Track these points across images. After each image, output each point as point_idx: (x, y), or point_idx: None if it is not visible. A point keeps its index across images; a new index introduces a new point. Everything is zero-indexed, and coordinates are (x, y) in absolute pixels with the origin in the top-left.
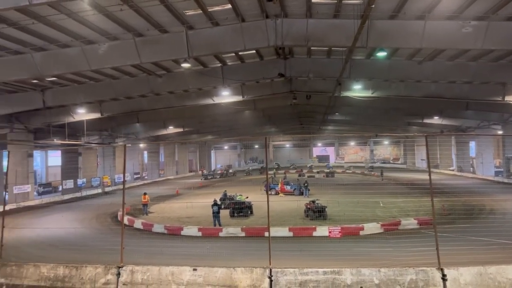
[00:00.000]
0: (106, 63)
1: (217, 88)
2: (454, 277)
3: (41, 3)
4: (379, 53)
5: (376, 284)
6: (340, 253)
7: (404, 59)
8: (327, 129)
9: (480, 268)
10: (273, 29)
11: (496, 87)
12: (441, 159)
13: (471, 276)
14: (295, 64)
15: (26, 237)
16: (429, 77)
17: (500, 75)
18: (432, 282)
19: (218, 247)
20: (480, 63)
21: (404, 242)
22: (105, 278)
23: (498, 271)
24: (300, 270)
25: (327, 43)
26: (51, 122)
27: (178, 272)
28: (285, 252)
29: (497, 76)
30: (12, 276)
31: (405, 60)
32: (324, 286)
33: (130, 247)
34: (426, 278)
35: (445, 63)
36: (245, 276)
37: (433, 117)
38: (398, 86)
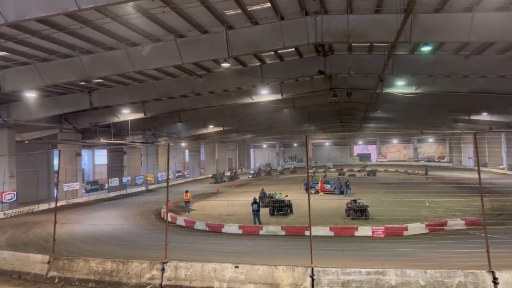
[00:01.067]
0: (149, 64)
1: (256, 87)
2: (506, 280)
3: (88, 8)
4: (423, 48)
5: (422, 286)
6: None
7: (450, 54)
8: (368, 127)
9: None
10: (312, 26)
11: None
12: (490, 157)
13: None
14: (335, 61)
15: (76, 232)
16: (477, 71)
17: None
18: (482, 285)
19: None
20: None
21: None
22: (150, 273)
23: None
24: (342, 270)
25: (368, 39)
26: (98, 122)
27: (220, 269)
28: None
29: None
30: (64, 270)
31: (451, 54)
32: (368, 287)
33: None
34: (476, 281)
35: (494, 56)
36: (287, 275)
37: (481, 113)
38: (443, 81)
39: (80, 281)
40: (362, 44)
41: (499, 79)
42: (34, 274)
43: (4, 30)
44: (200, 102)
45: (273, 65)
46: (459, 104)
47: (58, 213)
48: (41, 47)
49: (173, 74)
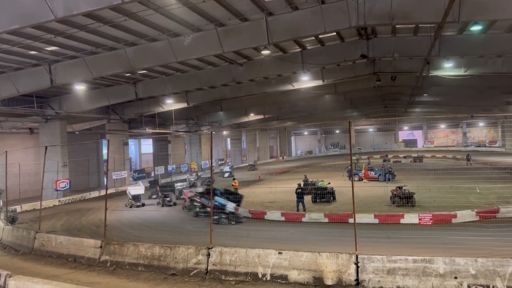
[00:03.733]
0: (191, 55)
1: (296, 74)
2: None
3: (132, 1)
4: (473, 28)
5: (472, 274)
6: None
7: (502, 32)
8: (414, 112)
9: None
10: (354, 9)
11: None
12: None
13: None
14: (378, 44)
15: (125, 218)
16: None
17: None
18: None
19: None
20: None
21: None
22: (196, 258)
23: None
24: (388, 258)
25: (414, 20)
26: (143, 113)
27: (264, 255)
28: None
29: None
30: (115, 254)
31: (504, 33)
32: (414, 275)
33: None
34: None
35: None
36: (331, 262)
37: None
38: (495, 62)
39: (130, 265)
40: (407, 26)
41: None
42: (88, 258)
43: (54, 26)
44: (241, 91)
45: (313, 51)
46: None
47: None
48: (88, 40)
49: (214, 63)
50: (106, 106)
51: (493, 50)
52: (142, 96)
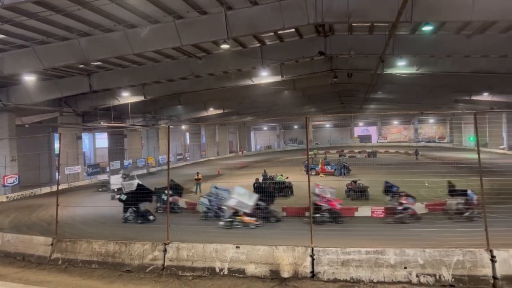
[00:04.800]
0: (148, 47)
1: (256, 69)
2: (504, 258)
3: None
4: (424, 28)
5: (420, 264)
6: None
7: (451, 33)
8: (369, 108)
9: None
10: (312, 6)
11: None
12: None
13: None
14: (335, 41)
15: (78, 215)
16: (479, 51)
17: None
18: (480, 263)
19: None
20: None
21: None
22: (153, 254)
23: None
24: (342, 250)
25: (369, 18)
26: (98, 106)
27: (221, 250)
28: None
29: None
30: (67, 251)
31: (453, 34)
32: (367, 266)
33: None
34: (474, 259)
35: (497, 36)
36: (287, 255)
37: (482, 93)
38: (445, 62)
39: (83, 262)
40: (363, 24)
41: (501, 59)
42: (38, 256)
43: (1, 13)
44: (200, 85)
45: (273, 46)
46: (460, 85)
47: (60, 196)
48: (38, 29)
49: (172, 56)
50: (58, 99)
51: (443, 50)
52: (97, 88)
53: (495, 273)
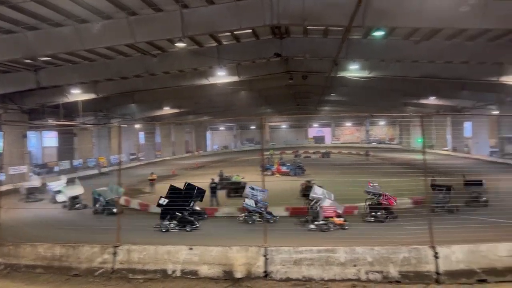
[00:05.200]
0: (100, 43)
1: (212, 68)
2: (446, 254)
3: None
4: (376, 33)
5: (369, 262)
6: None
7: (401, 39)
8: (323, 110)
9: (472, 246)
10: (269, 8)
11: (493, 67)
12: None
13: (463, 254)
14: (291, 43)
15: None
16: (425, 57)
17: (497, 55)
18: (424, 260)
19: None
20: (477, 43)
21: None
22: (102, 257)
23: (489, 249)
24: (295, 249)
25: (323, 22)
26: (46, 103)
27: (174, 251)
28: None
29: (494, 56)
30: (9, 256)
31: (402, 40)
32: (318, 264)
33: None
34: (419, 256)
35: (442, 42)
36: (240, 255)
37: (429, 97)
38: (394, 66)
39: (27, 267)
40: (318, 28)
41: (446, 65)
42: None
43: None
44: (155, 83)
45: (229, 46)
46: (409, 88)
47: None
48: None
49: (125, 53)
50: (2, 95)
51: (393, 55)
52: (45, 85)
53: (438, 268)
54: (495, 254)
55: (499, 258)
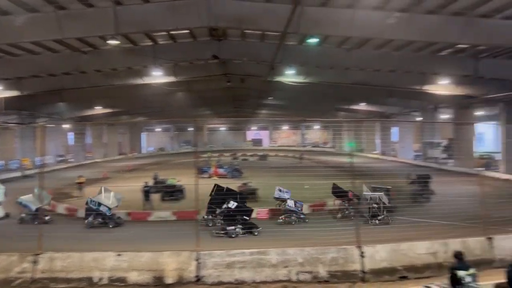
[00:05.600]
0: (23, 37)
1: (148, 68)
2: (371, 254)
3: None
4: (310, 40)
5: (300, 262)
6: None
7: (334, 47)
8: (261, 113)
9: (394, 245)
10: (206, 9)
11: (417, 77)
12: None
13: (386, 252)
14: (229, 46)
15: None
16: (356, 64)
17: (420, 65)
18: (351, 259)
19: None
20: (403, 53)
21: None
22: (21, 266)
23: (409, 248)
24: (227, 252)
25: (260, 27)
26: None
27: (101, 258)
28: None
29: (417, 66)
30: None
31: (335, 47)
32: (251, 266)
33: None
34: (346, 255)
35: (371, 51)
36: (172, 260)
37: (360, 103)
38: (328, 72)
39: None
40: (255, 32)
41: (375, 73)
42: None
43: None
44: (85, 81)
45: (166, 46)
46: (341, 94)
47: None
48: None
49: (54, 49)
50: None
51: (326, 62)
52: None
53: (364, 267)
54: (414, 252)
55: (418, 255)
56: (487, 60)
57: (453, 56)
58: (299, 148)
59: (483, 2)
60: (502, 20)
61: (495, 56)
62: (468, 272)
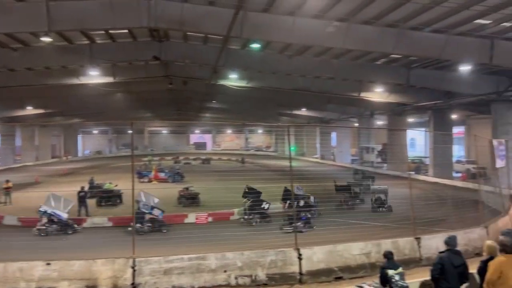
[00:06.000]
0: None
1: (84, 67)
2: (308, 255)
3: None
4: (253, 45)
5: (239, 266)
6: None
7: (276, 52)
8: (204, 116)
9: (330, 246)
10: (146, 10)
11: (354, 84)
12: (307, 147)
13: (322, 254)
14: (171, 48)
15: None
16: (297, 71)
17: (357, 73)
18: (289, 261)
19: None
20: (342, 61)
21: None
22: None
23: (345, 248)
24: (165, 258)
25: (202, 29)
26: None
27: (28, 268)
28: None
29: (355, 73)
30: None
31: (277, 53)
32: (189, 272)
33: None
34: (285, 258)
35: (312, 59)
36: (106, 268)
37: (301, 109)
38: (270, 78)
39: None
40: (198, 34)
41: (315, 79)
42: None
43: None
44: (15, 80)
45: (104, 45)
46: (283, 100)
47: None
48: None
49: None
50: None
51: (268, 67)
52: None
53: (301, 269)
54: (349, 253)
55: (352, 256)
56: (418, 70)
57: (387, 65)
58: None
59: (413, 16)
60: (431, 33)
61: (425, 67)
62: (397, 271)
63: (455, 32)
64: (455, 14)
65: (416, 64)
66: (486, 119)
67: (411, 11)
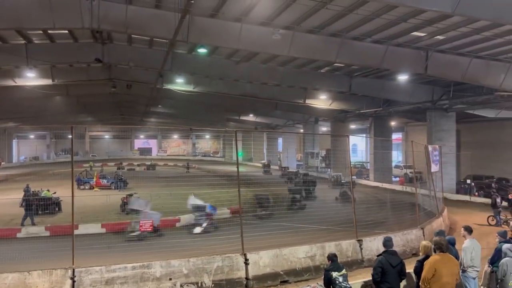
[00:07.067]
0: None
1: (20, 69)
2: (255, 260)
3: None
4: (199, 49)
5: (185, 274)
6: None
7: (223, 58)
8: (149, 121)
9: (276, 250)
10: (88, 10)
11: (300, 91)
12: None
13: (269, 258)
14: (114, 50)
15: None
16: (245, 77)
17: (302, 80)
18: (236, 267)
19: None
20: (287, 69)
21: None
22: None
23: (290, 252)
24: (107, 268)
25: (148, 33)
26: None
27: None
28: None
29: (300, 81)
30: None
31: (224, 59)
32: (133, 281)
33: None
34: (231, 263)
35: (258, 65)
36: (43, 280)
37: (248, 114)
38: (218, 83)
39: None
40: (143, 37)
41: (262, 86)
42: None
43: None
44: None
45: (42, 46)
46: (231, 105)
47: None
48: None
49: None
50: None
51: (216, 72)
52: None
53: (248, 274)
54: (295, 256)
55: (298, 259)
56: (359, 78)
57: (331, 73)
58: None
59: (355, 26)
60: (371, 44)
61: (365, 76)
62: (341, 273)
63: (394, 43)
64: (394, 26)
65: (358, 73)
66: (422, 126)
67: (353, 22)
